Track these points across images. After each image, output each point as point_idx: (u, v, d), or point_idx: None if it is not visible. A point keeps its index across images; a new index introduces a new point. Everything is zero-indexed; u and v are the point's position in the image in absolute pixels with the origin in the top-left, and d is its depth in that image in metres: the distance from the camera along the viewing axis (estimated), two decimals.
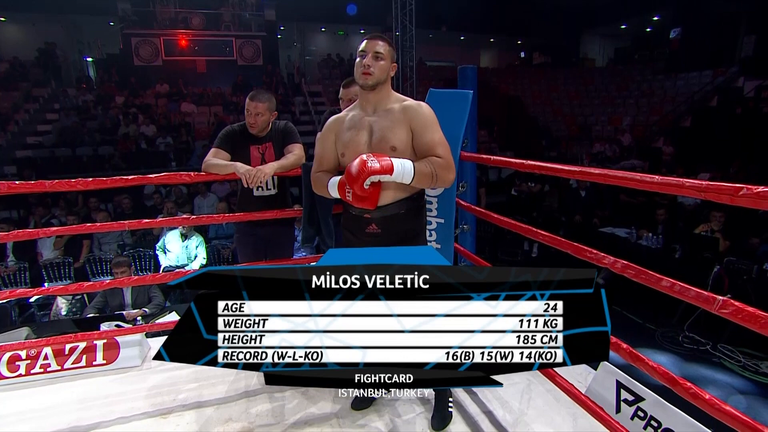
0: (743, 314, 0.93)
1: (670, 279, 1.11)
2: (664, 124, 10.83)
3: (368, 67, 1.51)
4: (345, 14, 14.72)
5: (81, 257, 4.95)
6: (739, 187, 0.90)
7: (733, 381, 3.29)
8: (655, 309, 4.04)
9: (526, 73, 15.29)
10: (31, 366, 2.14)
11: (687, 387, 1.07)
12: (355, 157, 1.49)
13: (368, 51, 1.52)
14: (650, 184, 1.11)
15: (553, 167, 1.49)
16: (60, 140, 9.22)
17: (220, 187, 6.62)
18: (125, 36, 12.32)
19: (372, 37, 1.56)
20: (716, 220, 4.39)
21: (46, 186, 1.70)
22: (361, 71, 1.52)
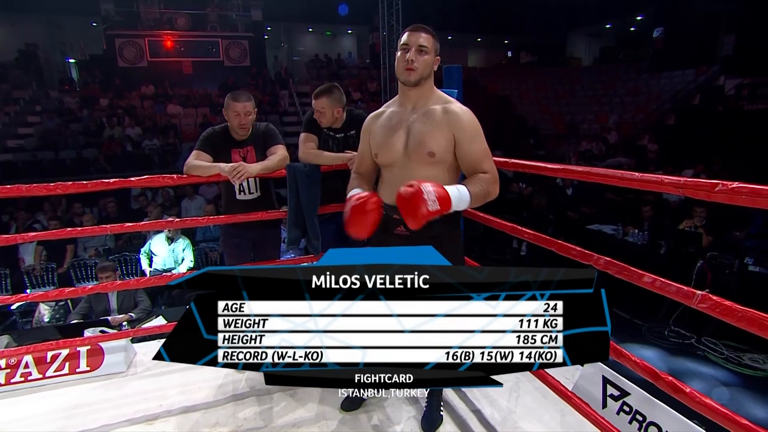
0: (721, 308, 0.95)
1: (651, 275, 1.12)
2: (649, 122, 11.00)
3: (411, 62, 1.41)
4: (332, 14, 14.68)
5: (65, 262, 4.86)
6: (714, 183, 0.91)
7: (717, 373, 3.36)
8: (642, 304, 4.10)
9: (513, 73, 15.42)
10: (11, 375, 2.08)
11: (669, 381, 1.08)
12: (390, 161, 1.45)
13: (411, 44, 1.42)
14: (632, 181, 1.13)
15: (538, 166, 1.50)
16: (42, 143, 9.03)
17: (207, 190, 6.55)
18: (109, 37, 12.13)
19: (415, 29, 1.44)
20: (699, 216, 4.47)
21: (23, 190, 1.66)
22: (404, 66, 1.42)
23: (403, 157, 1.48)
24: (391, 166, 1.52)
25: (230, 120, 2.04)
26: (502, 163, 1.66)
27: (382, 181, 1.59)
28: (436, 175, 1.46)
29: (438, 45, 1.46)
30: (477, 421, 1.74)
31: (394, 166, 1.51)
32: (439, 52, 1.48)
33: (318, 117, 2.08)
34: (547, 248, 1.54)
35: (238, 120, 2.01)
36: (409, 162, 1.47)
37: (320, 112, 2.06)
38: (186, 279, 1.14)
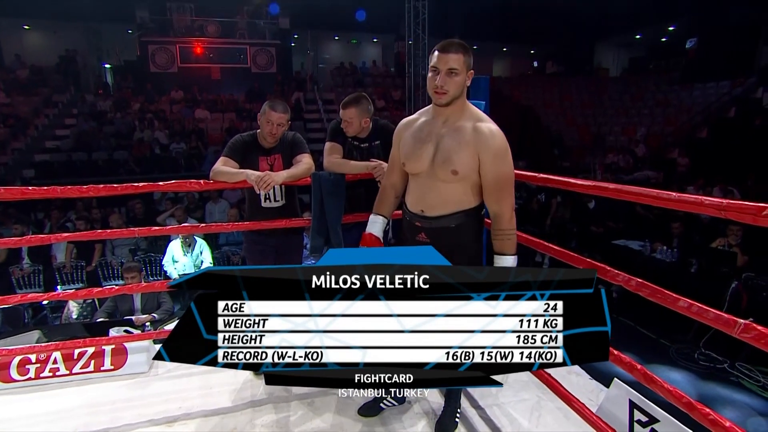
0: (767, 339, 0.89)
1: (687, 299, 1.07)
2: (679, 134, 10.66)
3: (441, 87, 1.40)
4: (358, 23, 14.86)
5: (93, 261, 5.02)
6: (762, 207, 0.86)
7: (752, 401, 3.18)
8: (669, 324, 3.94)
9: (539, 82, 15.22)
10: (40, 370, 2.15)
11: (705, 413, 1.03)
12: (417, 171, 1.50)
13: (441, 68, 1.39)
14: (668, 201, 1.08)
15: (568, 182, 1.46)
16: (77, 145, 9.42)
17: (231, 194, 6.67)
18: (142, 43, 12.59)
19: (445, 49, 1.40)
20: (734, 234, 4.28)
21: (58, 192, 1.73)
22: (434, 90, 1.42)
23: (429, 169, 1.49)
24: (418, 176, 1.54)
25: (262, 126, 2.06)
26: (532, 177, 1.62)
27: (410, 187, 1.60)
28: (460, 190, 1.48)
29: (470, 60, 1.44)
30: None
31: (420, 176, 1.53)
32: (471, 66, 1.46)
33: (345, 126, 2.09)
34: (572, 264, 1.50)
35: (269, 128, 2.03)
36: (434, 175, 1.49)
37: (348, 121, 2.07)
38: (186, 279, 1.15)
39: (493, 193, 1.46)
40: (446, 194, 1.48)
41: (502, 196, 1.46)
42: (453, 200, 1.48)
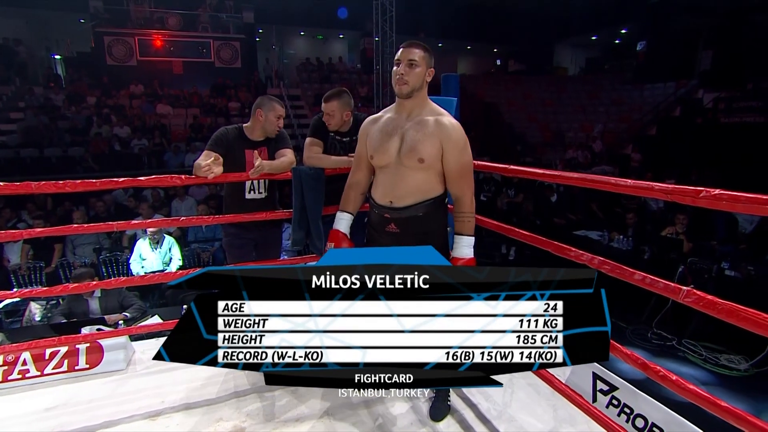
0: (704, 302, 1.04)
1: (641, 272, 1.22)
2: (632, 131, 11.34)
3: (402, 76, 1.53)
4: (324, 18, 14.75)
5: (53, 261, 4.79)
6: (699, 189, 1.01)
7: (696, 373, 3.52)
8: (626, 308, 4.25)
9: (501, 81, 15.66)
10: (8, 372, 2.07)
11: (656, 370, 1.17)
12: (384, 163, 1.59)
13: (402, 60, 1.54)
14: (624, 188, 1.22)
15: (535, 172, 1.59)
16: (26, 140, 8.85)
17: (198, 191, 6.52)
18: (97, 34, 11.95)
19: (406, 45, 1.56)
20: (680, 223, 4.66)
21: (33, 187, 1.68)
22: (396, 80, 1.55)
23: (396, 160, 1.59)
24: (385, 168, 1.63)
25: (268, 120, 2.10)
26: (503, 169, 1.74)
27: (376, 181, 1.69)
28: (425, 178, 1.58)
29: (431, 59, 1.58)
30: (473, 415, 1.81)
31: (388, 168, 1.62)
32: (432, 65, 1.59)
33: (327, 120, 2.15)
34: (535, 254, 1.63)
35: (279, 122, 2.11)
36: (401, 165, 1.59)
37: (329, 114, 2.12)
38: (186, 279, 1.15)
39: (456, 180, 1.59)
40: (413, 184, 1.57)
41: (464, 182, 1.59)
42: (420, 189, 1.58)
